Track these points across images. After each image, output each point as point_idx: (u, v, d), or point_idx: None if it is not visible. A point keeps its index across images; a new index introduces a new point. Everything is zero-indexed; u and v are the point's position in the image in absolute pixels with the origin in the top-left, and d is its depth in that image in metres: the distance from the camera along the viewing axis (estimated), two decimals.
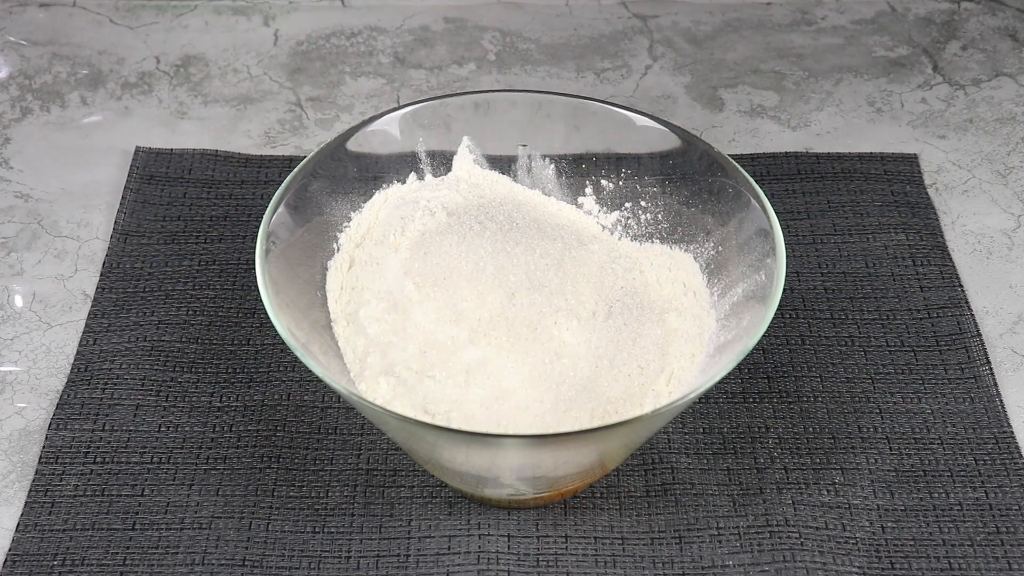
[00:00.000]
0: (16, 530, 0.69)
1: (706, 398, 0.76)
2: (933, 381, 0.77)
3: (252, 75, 0.99)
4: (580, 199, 0.76)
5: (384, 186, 0.74)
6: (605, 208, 0.76)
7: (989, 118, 0.96)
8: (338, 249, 0.72)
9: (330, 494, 0.71)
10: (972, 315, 0.80)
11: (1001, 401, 0.75)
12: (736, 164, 0.70)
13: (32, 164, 0.91)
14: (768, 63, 1.01)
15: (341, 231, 0.72)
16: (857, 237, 0.85)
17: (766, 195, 0.69)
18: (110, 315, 0.80)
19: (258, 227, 0.66)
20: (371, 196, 0.74)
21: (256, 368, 0.77)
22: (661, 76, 1.00)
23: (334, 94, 0.98)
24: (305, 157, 0.72)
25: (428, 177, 0.75)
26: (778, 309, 0.70)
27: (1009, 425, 0.74)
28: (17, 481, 0.72)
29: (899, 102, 0.98)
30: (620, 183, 0.76)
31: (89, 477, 0.71)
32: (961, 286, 0.82)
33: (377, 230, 0.73)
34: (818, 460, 0.72)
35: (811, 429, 0.74)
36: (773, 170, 0.90)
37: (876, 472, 0.72)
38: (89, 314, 0.80)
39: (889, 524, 0.69)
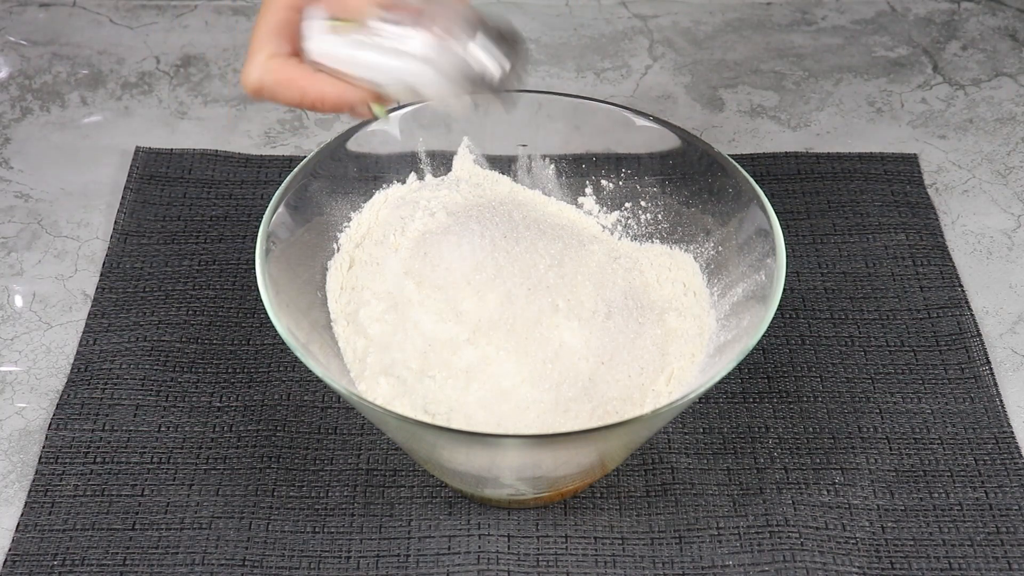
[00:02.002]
0: (16, 530, 0.69)
1: (706, 398, 0.76)
2: (933, 381, 0.77)
3: None
4: (580, 199, 0.76)
5: (384, 186, 0.74)
6: (605, 208, 0.76)
7: (989, 118, 0.96)
8: (338, 249, 0.72)
9: (330, 494, 0.71)
10: (972, 315, 0.80)
11: (1001, 401, 0.75)
12: (736, 164, 0.70)
13: (32, 164, 0.91)
14: (768, 63, 1.01)
15: (341, 231, 0.72)
16: (857, 237, 0.85)
17: (766, 195, 0.69)
18: (110, 315, 0.80)
19: (258, 227, 0.66)
20: (371, 196, 0.74)
21: (256, 368, 0.77)
22: (661, 76, 1.00)
23: None
24: (305, 157, 0.72)
25: (428, 177, 0.75)
26: (778, 309, 0.70)
27: (1009, 425, 0.74)
28: (17, 481, 0.72)
29: (899, 102, 0.98)
30: (620, 183, 0.76)
31: (89, 477, 0.71)
32: (961, 286, 0.82)
33: (377, 230, 0.73)
34: (818, 460, 0.72)
35: (811, 429, 0.74)
36: (773, 170, 0.90)
37: (876, 472, 0.72)
38: (89, 314, 0.80)
39: (889, 524, 0.69)
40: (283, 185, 0.68)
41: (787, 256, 0.67)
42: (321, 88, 0.60)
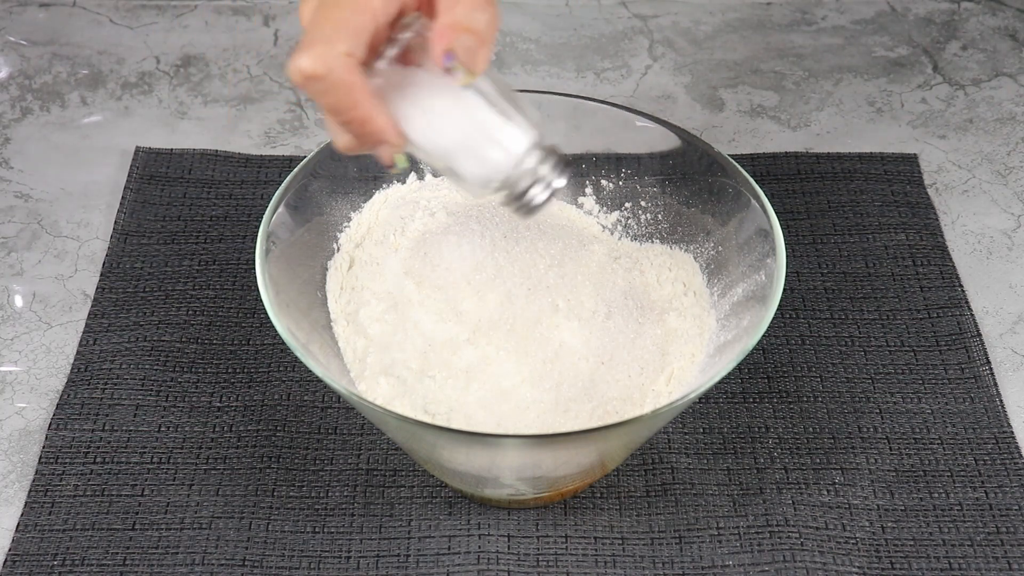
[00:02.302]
0: (16, 530, 0.69)
1: (706, 398, 0.76)
2: (933, 381, 0.77)
3: (252, 75, 0.99)
4: (580, 199, 0.76)
5: (384, 186, 0.74)
6: (605, 208, 0.76)
7: (989, 118, 0.96)
8: (338, 249, 0.72)
9: (330, 494, 0.71)
10: (972, 315, 0.80)
11: (1001, 401, 0.75)
12: (736, 164, 0.70)
13: (32, 164, 0.91)
14: (768, 63, 1.01)
15: (341, 231, 0.72)
16: (857, 237, 0.85)
17: (766, 195, 0.69)
18: (110, 315, 0.80)
19: (258, 227, 0.66)
20: (371, 196, 0.74)
21: (256, 368, 0.77)
22: (661, 76, 1.00)
23: None
24: (305, 157, 0.72)
25: (428, 177, 0.75)
26: (778, 309, 0.70)
27: (1009, 425, 0.74)
28: (17, 481, 0.72)
29: (899, 102, 0.98)
30: (620, 183, 0.76)
31: (89, 477, 0.71)
32: (961, 286, 0.82)
33: (377, 230, 0.73)
34: (818, 460, 0.72)
35: (811, 429, 0.74)
36: (773, 170, 0.90)
37: (876, 472, 0.72)
38: (89, 314, 0.80)
39: (889, 524, 0.69)
40: (283, 185, 0.68)
41: (787, 256, 0.67)
42: (371, 113, 0.57)
